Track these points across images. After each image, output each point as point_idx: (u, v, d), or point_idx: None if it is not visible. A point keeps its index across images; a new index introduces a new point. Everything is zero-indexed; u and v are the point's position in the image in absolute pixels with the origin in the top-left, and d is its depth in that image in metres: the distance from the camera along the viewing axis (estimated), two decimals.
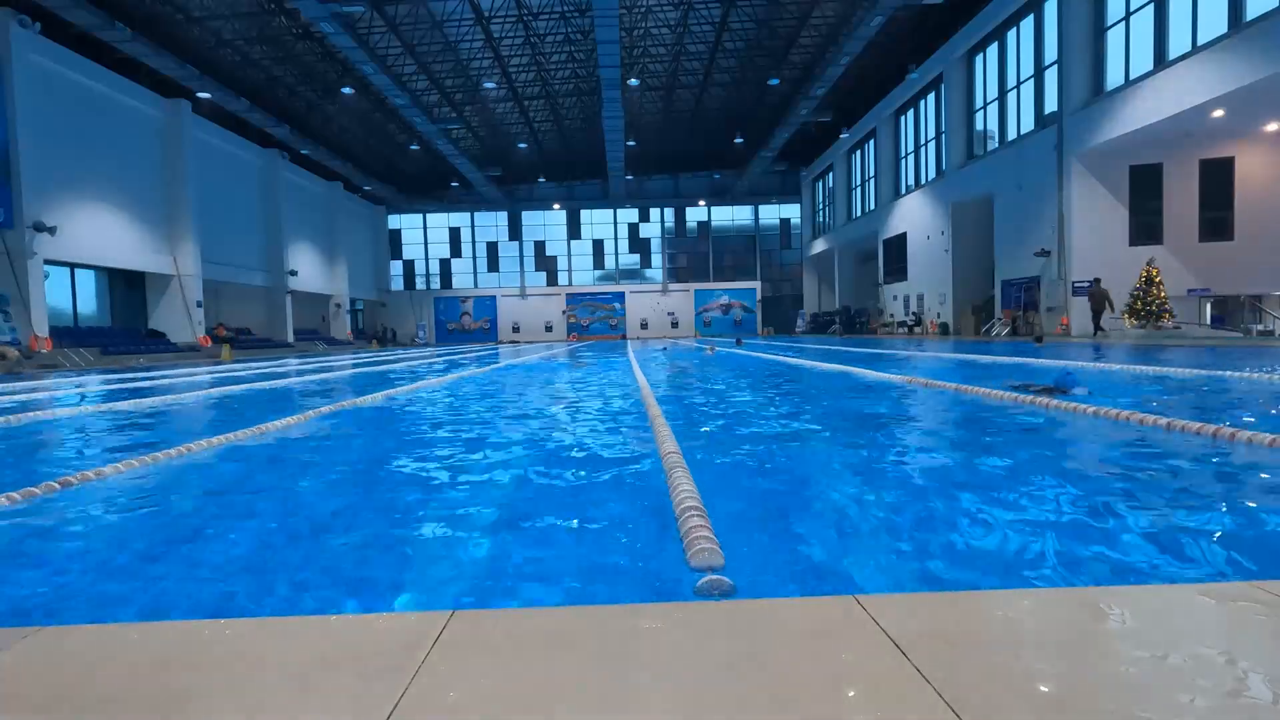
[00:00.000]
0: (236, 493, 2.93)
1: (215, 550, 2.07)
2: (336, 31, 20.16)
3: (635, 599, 1.61)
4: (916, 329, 27.53)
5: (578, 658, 1.14)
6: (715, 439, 3.83)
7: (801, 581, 1.70)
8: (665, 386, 7.27)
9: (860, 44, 22.68)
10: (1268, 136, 16.60)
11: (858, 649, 1.12)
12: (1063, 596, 1.46)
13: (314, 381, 9.41)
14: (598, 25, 19.77)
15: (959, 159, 24.52)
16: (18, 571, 1.93)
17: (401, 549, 2.05)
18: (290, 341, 30.65)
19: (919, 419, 4.59)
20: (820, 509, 2.39)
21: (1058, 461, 3.07)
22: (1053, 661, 1.07)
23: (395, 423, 5.08)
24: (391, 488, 2.90)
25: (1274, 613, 1.22)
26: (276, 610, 1.63)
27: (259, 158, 30.17)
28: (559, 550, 1.99)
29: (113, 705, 1.03)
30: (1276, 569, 1.72)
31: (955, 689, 0.98)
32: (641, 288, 44.97)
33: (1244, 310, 17.21)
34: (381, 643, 1.20)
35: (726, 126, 35.96)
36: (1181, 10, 15.25)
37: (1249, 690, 0.98)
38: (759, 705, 0.97)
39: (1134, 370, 7.12)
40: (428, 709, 0.98)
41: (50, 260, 19.13)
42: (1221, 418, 3.68)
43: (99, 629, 1.36)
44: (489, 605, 1.59)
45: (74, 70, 19.88)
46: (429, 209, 44.80)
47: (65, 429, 5.28)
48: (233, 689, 1.07)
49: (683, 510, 2.04)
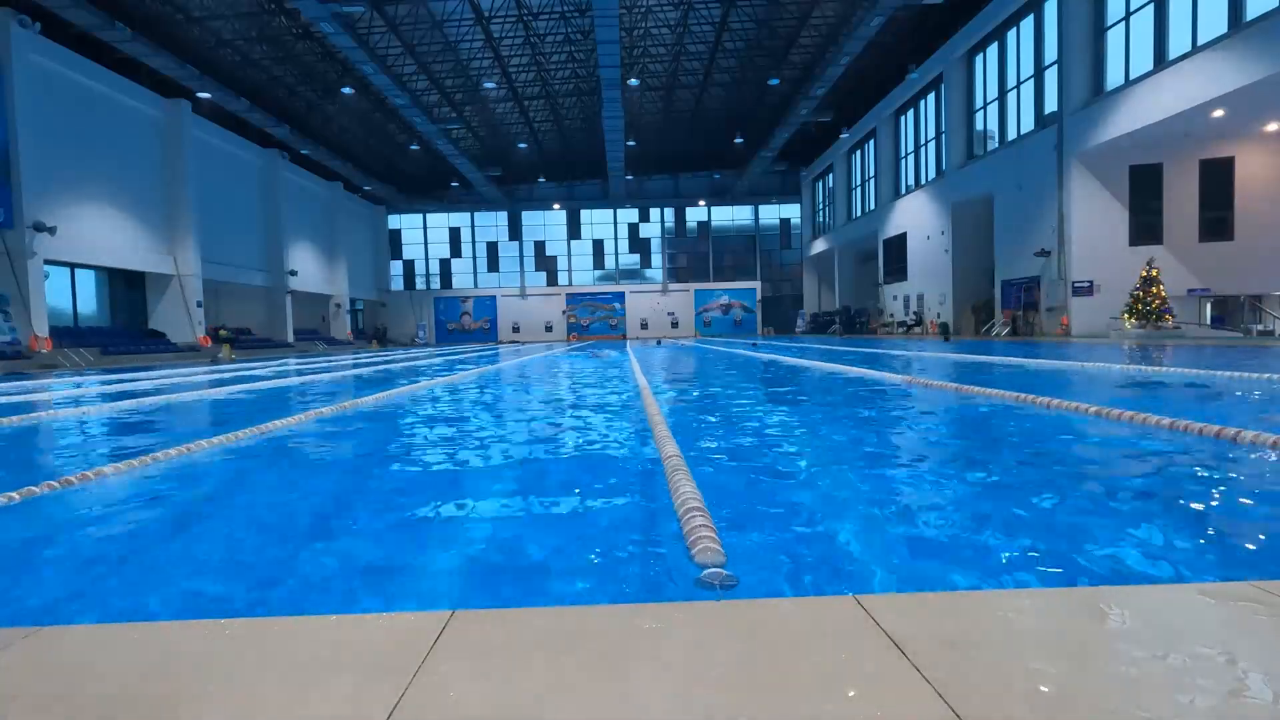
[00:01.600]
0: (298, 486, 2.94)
1: (286, 539, 2.07)
2: (336, 31, 20.16)
3: (640, 587, 1.61)
4: (916, 329, 27.53)
5: (578, 658, 1.14)
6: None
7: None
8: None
9: (860, 44, 22.67)
10: (1268, 136, 16.60)
11: (858, 649, 1.12)
12: (1063, 596, 1.46)
13: (315, 382, 9.41)
14: (598, 25, 19.77)
15: (959, 159, 24.52)
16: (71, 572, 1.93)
17: (416, 537, 2.05)
18: (290, 341, 30.65)
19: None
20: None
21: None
22: (1053, 661, 1.07)
23: (400, 420, 5.09)
24: (406, 483, 2.90)
25: (1274, 613, 1.22)
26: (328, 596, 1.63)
27: (259, 158, 30.16)
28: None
29: (113, 705, 1.03)
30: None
31: (955, 689, 0.98)
32: (641, 288, 44.97)
33: (1244, 310, 17.21)
34: (381, 643, 1.20)
35: (726, 126, 35.96)
36: (1181, 10, 15.25)
37: (1249, 690, 0.98)
38: (759, 705, 0.97)
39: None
40: (428, 709, 0.98)
41: (50, 260, 19.12)
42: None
43: (99, 629, 1.36)
44: (491, 585, 1.59)
45: (74, 70, 19.87)
46: (429, 209, 44.80)
47: (103, 425, 5.29)
48: (233, 689, 1.07)
49: (685, 510, 2.05)
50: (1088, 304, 18.55)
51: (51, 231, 18.42)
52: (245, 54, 24.90)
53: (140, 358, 20.70)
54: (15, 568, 1.96)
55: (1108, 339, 16.81)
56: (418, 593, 1.72)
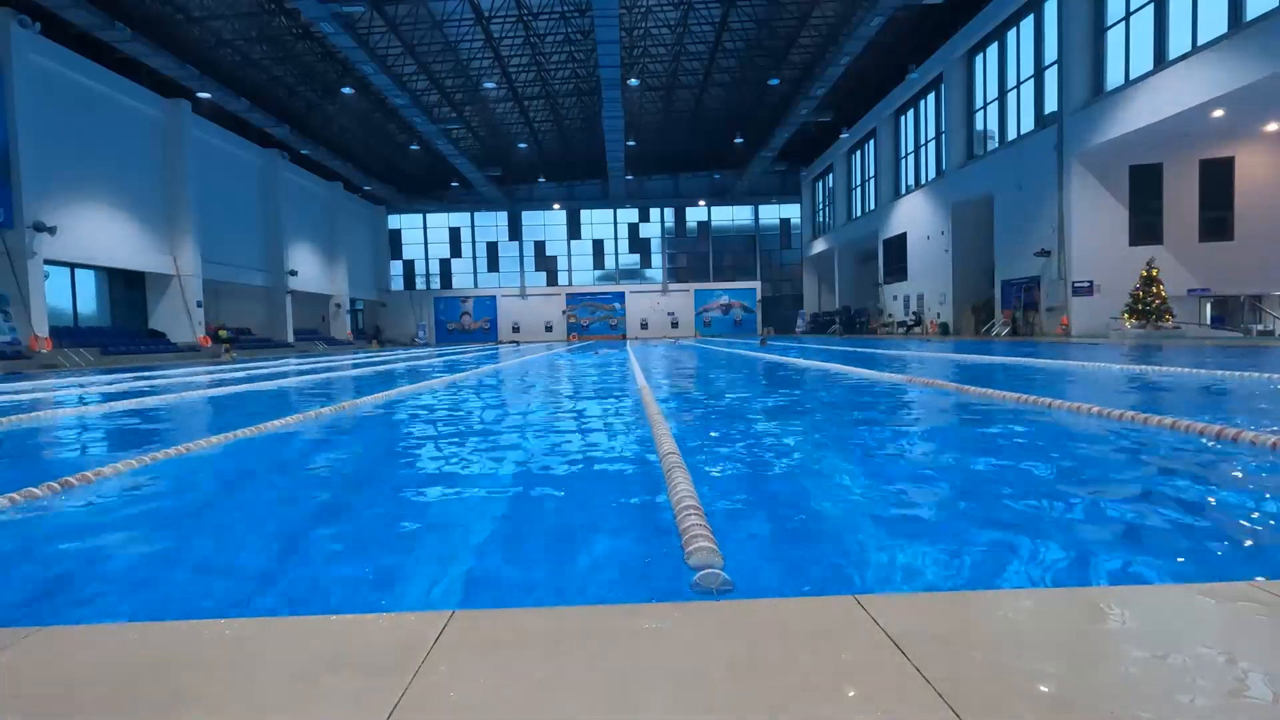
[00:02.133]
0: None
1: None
2: (336, 31, 20.15)
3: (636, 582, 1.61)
4: (916, 329, 27.53)
5: (578, 658, 1.14)
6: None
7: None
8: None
9: (860, 44, 22.66)
10: (1268, 136, 16.59)
11: (858, 649, 1.12)
12: (1063, 596, 1.46)
13: (314, 382, 9.41)
14: (598, 25, 19.76)
15: (959, 159, 24.51)
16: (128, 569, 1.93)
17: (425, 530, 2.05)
18: (290, 341, 30.65)
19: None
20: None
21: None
22: (1053, 661, 1.07)
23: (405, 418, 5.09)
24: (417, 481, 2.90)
25: (1274, 613, 1.22)
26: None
27: (259, 158, 30.15)
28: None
29: (113, 705, 1.03)
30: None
31: (955, 689, 0.98)
32: (641, 288, 44.95)
33: (1244, 310, 17.21)
34: (381, 643, 1.20)
35: (726, 126, 35.94)
36: (1181, 10, 15.24)
37: (1249, 690, 0.98)
38: (759, 705, 0.97)
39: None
40: (428, 709, 0.98)
41: (50, 260, 19.12)
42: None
43: (99, 629, 1.36)
44: (491, 583, 1.59)
45: (74, 70, 19.86)
46: (429, 209, 44.78)
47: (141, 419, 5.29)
48: (233, 689, 1.07)
49: (681, 510, 2.04)
50: (1088, 304, 18.54)
51: (51, 231, 18.41)
52: (245, 54, 24.89)
53: (140, 358, 20.70)
54: (33, 566, 1.96)
55: (1107, 339, 16.81)
56: (417, 591, 1.72)
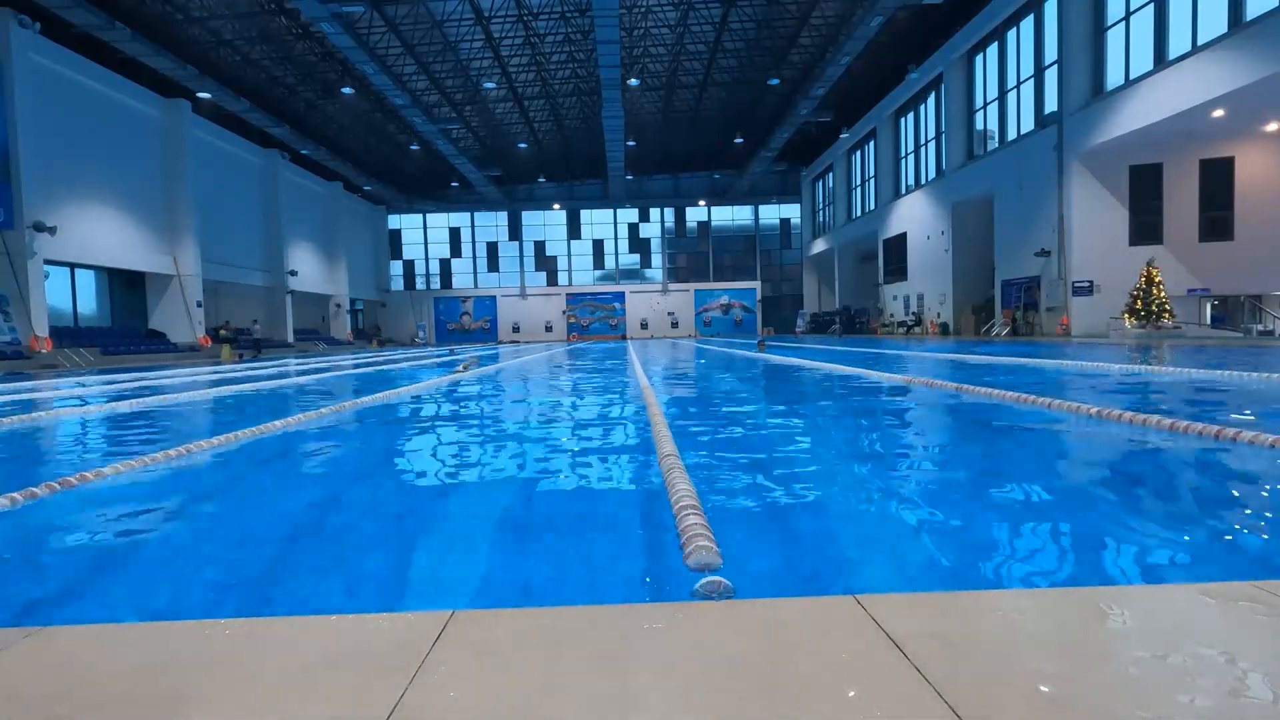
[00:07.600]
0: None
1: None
2: (336, 31, 20.14)
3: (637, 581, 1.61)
4: (916, 329, 27.52)
5: (578, 658, 1.14)
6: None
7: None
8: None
9: (860, 44, 22.65)
10: (1268, 136, 16.59)
11: (858, 649, 1.12)
12: (1063, 596, 1.46)
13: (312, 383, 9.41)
14: (598, 25, 19.75)
15: (959, 159, 24.50)
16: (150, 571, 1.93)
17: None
18: (290, 341, 30.64)
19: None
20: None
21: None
22: (1053, 661, 1.07)
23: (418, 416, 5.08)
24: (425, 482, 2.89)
25: (1274, 613, 1.22)
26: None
27: (259, 157, 30.14)
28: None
29: (113, 705, 1.03)
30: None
31: (955, 689, 0.98)
32: (641, 288, 44.94)
33: (1244, 310, 17.20)
34: (381, 643, 1.20)
35: (726, 126, 35.92)
36: (1181, 10, 15.24)
37: (1249, 690, 0.98)
38: (759, 705, 0.97)
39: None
40: (428, 709, 0.98)
41: (50, 260, 19.10)
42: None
43: (99, 629, 1.36)
44: (491, 582, 1.59)
45: (74, 70, 19.85)
46: (429, 209, 44.77)
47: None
48: (233, 689, 1.07)
49: (680, 509, 2.04)
50: (1088, 304, 18.54)
51: (51, 231, 18.40)
52: (245, 54, 24.88)
53: (140, 358, 20.69)
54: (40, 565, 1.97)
55: (1107, 339, 16.81)
56: (412, 593, 1.72)
